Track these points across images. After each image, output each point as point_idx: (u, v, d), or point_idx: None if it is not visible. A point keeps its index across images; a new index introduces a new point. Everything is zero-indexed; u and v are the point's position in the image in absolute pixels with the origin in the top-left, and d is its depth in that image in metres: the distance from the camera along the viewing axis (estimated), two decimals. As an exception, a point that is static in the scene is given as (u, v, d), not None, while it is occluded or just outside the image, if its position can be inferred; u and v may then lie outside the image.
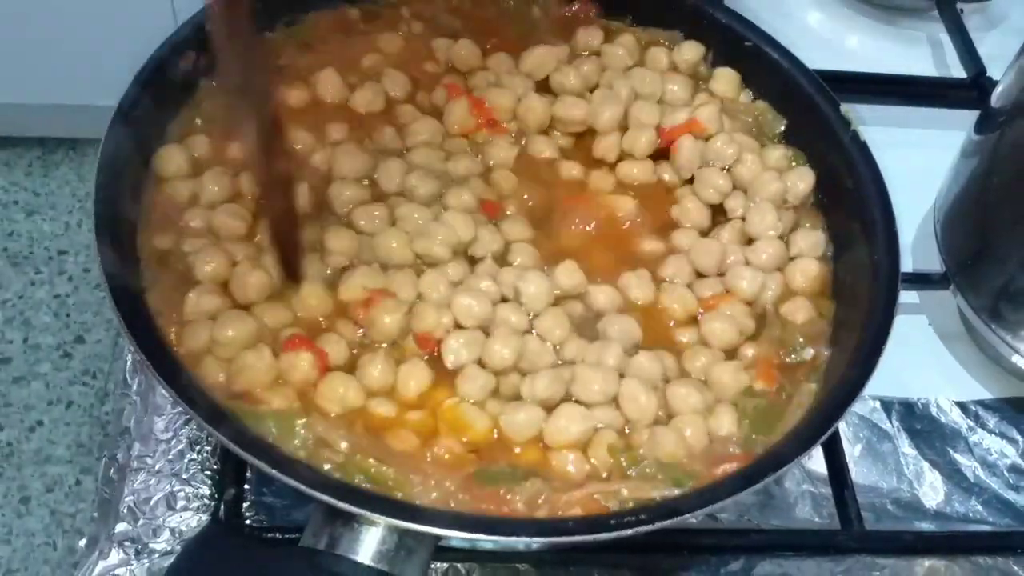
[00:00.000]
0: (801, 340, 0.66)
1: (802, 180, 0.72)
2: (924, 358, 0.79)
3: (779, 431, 0.61)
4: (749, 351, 0.66)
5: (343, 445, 0.57)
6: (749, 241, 0.71)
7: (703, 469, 0.60)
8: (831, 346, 0.66)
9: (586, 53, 0.78)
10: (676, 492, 0.57)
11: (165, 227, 0.65)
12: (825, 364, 0.65)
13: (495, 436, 0.60)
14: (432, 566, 0.64)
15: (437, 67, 0.76)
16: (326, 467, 0.56)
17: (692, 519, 0.56)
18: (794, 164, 0.73)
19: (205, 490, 0.67)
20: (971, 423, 0.76)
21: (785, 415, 0.63)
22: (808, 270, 0.69)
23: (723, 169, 0.72)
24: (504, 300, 0.65)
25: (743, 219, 0.71)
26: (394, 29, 0.78)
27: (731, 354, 0.66)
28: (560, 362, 0.64)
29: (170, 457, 0.68)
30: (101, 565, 0.64)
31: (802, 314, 0.67)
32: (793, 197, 0.71)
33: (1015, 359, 0.75)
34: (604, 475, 0.59)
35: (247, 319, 0.61)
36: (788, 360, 0.66)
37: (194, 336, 0.60)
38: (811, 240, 0.71)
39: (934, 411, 0.76)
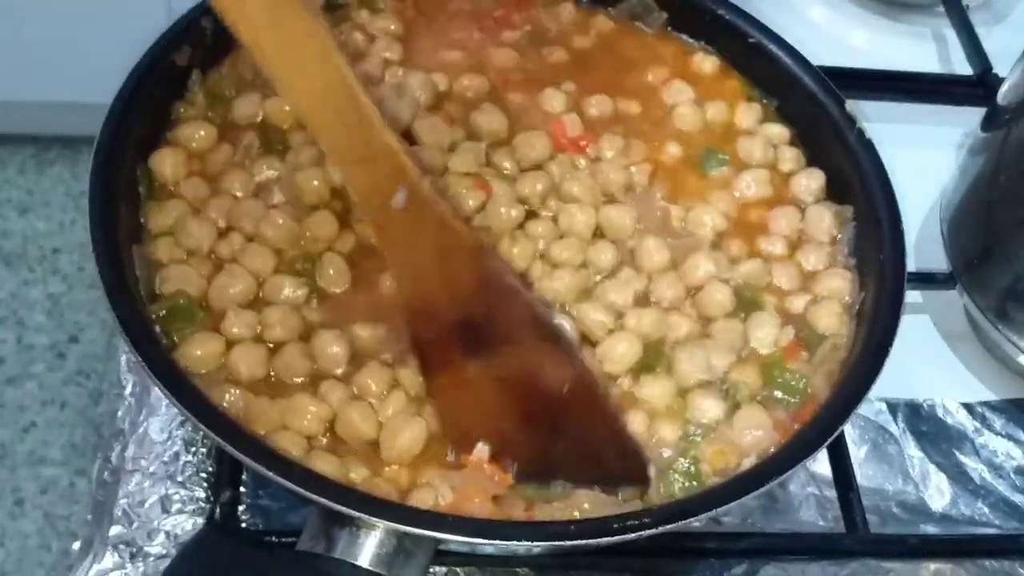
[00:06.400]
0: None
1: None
2: (930, 359, 0.79)
3: None
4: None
5: None
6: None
7: None
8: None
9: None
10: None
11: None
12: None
13: None
14: (431, 570, 0.63)
15: None
16: None
17: (695, 522, 0.55)
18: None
19: (200, 493, 0.66)
20: (977, 425, 0.75)
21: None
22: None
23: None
24: None
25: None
26: None
27: None
28: None
29: (165, 459, 0.67)
30: (95, 568, 0.63)
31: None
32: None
33: (1022, 360, 0.74)
34: None
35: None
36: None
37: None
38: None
39: (940, 413, 0.75)
